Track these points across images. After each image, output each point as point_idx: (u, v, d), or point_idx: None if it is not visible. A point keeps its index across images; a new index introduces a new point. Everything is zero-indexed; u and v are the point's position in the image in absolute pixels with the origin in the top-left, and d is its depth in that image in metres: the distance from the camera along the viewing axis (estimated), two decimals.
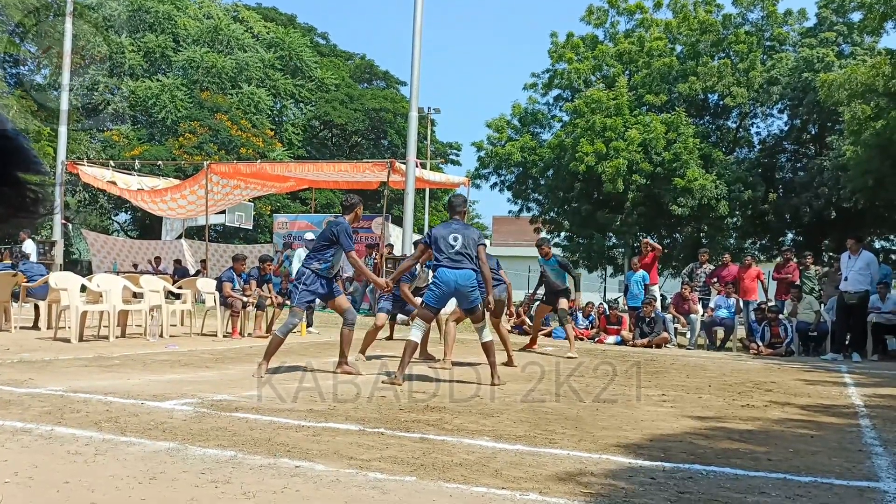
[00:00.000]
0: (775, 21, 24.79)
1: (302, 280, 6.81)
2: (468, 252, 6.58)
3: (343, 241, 6.79)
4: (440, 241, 6.62)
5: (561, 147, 24.21)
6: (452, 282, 6.53)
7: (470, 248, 6.60)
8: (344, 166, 18.93)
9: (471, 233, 6.72)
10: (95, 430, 4.13)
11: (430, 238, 6.77)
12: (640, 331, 12.59)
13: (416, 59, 16.08)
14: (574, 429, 4.75)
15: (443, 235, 6.65)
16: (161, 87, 28.89)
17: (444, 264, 6.56)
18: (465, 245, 6.58)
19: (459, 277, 6.53)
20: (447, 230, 6.71)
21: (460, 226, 6.77)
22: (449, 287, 6.55)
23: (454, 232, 6.66)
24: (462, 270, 6.54)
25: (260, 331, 11.39)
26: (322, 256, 6.84)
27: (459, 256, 6.56)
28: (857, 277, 11.35)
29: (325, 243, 6.89)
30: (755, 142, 26.40)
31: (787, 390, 7.27)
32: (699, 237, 24.00)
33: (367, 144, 37.67)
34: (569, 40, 26.59)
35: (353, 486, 3.23)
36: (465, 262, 6.56)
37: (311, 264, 6.83)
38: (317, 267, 6.81)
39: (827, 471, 3.86)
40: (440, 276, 6.57)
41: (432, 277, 6.78)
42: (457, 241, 6.59)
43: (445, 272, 6.55)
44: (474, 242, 6.65)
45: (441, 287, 6.57)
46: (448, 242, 6.59)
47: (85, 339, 9.34)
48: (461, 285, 6.54)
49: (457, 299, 6.79)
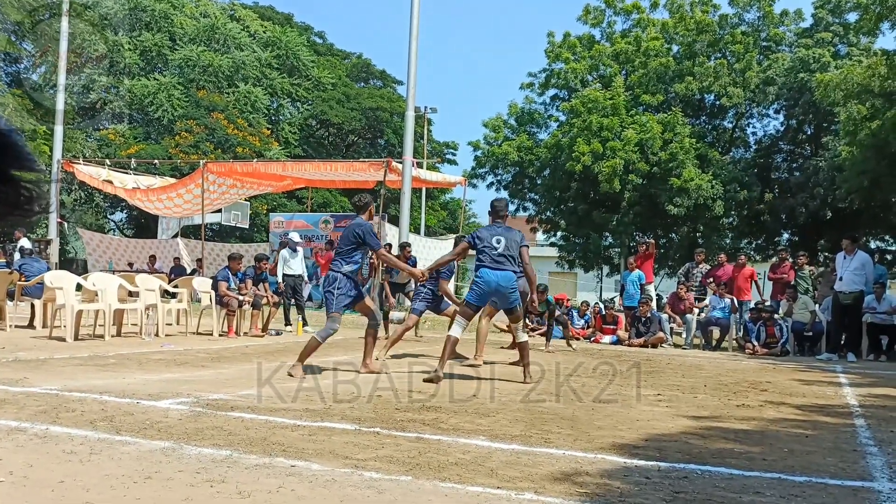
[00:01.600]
0: (772, 21, 24.85)
1: (336, 285, 6.85)
2: (510, 254, 6.77)
3: (370, 240, 6.90)
4: (484, 242, 6.81)
5: (557, 147, 24.23)
6: (494, 282, 6.72)
7: (512, 250, 6.79)
8: (340, 165, 18.91)
9: (514, 235, 6.90)
10: (90, 429, 4.12)
11: (474, 239, 6.94)
12: (636, 330, 12.61)
13: (412, 58, 16.08)
14: (570, 428, 4.75)
15: (486, 237, 6.84)
16: (157, 86, 28.83)
17: (486, 265, 6.75)
18: (507, 247, 6.78)
19: (501, 279, 6.72)
20: (491, 232, 6.90)
21: (503, 229, 6.96)
22: (490, 287, 6.76)
23: (497, 234, 6.85)
24: (503, 272, 6.73)
25: (256, 330, 11.38)
26: (350, 259, 6.93)
27: (502, 258, 6.75)
28: (852, 277, 11.37)
29: (350, 246, 6.93)
30: (751, 142, 26.48)
31: (782, 390, 7.28)
32: (695, 237, 24.05)
33: (364, 144, 37.63)
34: (565, 40, 26.62)
35: (349, 486, 3.23)
36: (507, 264, 6.76)
37: (342, 268, 6.89)
38: (348, 270, 6.90)
39: (822, 470, 3.87)
40: (483, 276, 6.77)
41: (475, 277, 6.95)
42: (500, 243, 6.79)
43: (488, 273, 6.74)
44: (517, 245, 6.83)
45: (482, 287, 6.78)
46: (491, 244, 6.78)
47: (80, 338, 9.32)
48: (502, 286, 6.75)
49: (497, 299, 6.96)
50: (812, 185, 22.44)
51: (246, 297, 11.12)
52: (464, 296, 8.64)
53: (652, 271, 14.37)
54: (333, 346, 9.96)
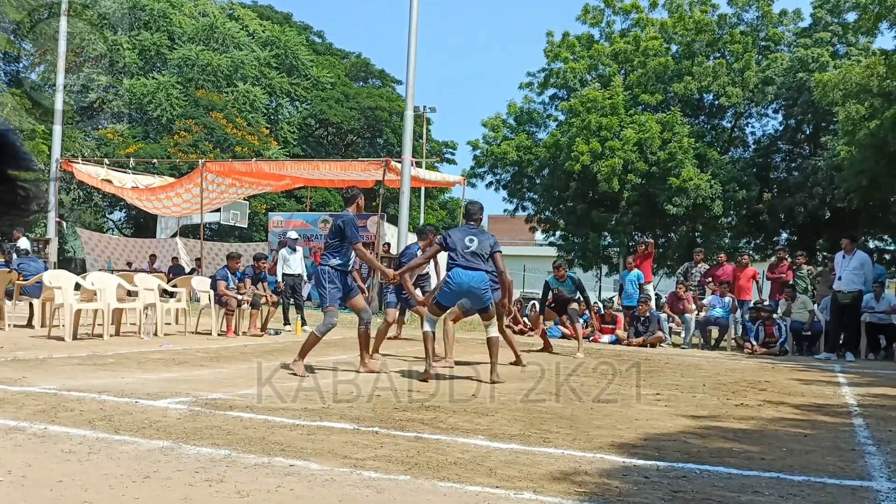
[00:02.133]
0: (770, 21, 24.84)
1: (326, 279, 6.83)
2: (482, 254, 6.73)
3: (349, 232, 6.84)
4: (456, 242, 6.77)
5: (556, 146, 24.22)
6: (465, 283, 6.69)
7: (485, 251, 6.74)
8: (339, 165, 18.91)
9: (486, 238, 6.87)
10: (89, 428, 4.12)
11: (446, 239, 6.91)
12: (635, 330, 12.61)
13: (411, 57, 16.07)
14: (569, 428, 4.75)
15: (459, 237, 6.80)
16: (156, 85, 28.81)
17: (459, 264, 6.71)
18: (480, 247, 6.73)
19: (472, 279, 6.68)
20: (463, 233, 6.87)
21: (477, 231, 6.94)
22: (461, 287, 6.72)
23: (470, 235, 6.82)
24: (475, 272, 6.69)
25: (255, 329, 11.37)
26: (338, 252, 6.90)
27: (474, 258, 6.71)
28: (851, 277, 11.38)
29: (336, 239, 6.92)
30: (750, 141, 26.47)
31: (781, 389, 7.29)
32: (694, 237, 24.04)
33: (363, 143, 37.62)
34: (564, 39, 26.60)
35: (348, 485, 3.23)
36: (479, 264, 6.71)
37: (330, 261, 6.87)
38: (336, 263, 6.86)
39: (820, 470, 3.87)
40: (454, 276, 6.72)
41: (446, 277, 6.91)
42: (472, 242, 6.75)
43: (459, 273, 6.70)
44: (490, 247, 6.79)
45: (453, 287, 6.73)
46: (464, 244, 6.74)
47: (79, 338, 9.31)
48: (473, 287, 6.70)
49: (469, 300, 6.90)
50: (811, 184, 22.44)
51: (245, 297, 11.12)
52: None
53: (651, 271, 14.37)
54: (332, 346, 9.95)
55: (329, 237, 7.08)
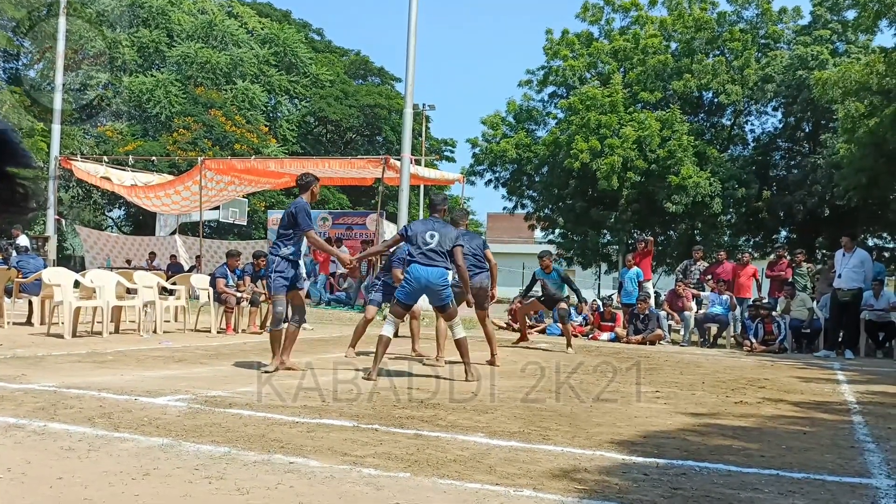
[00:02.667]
0: (770, 19, 24.84)
1: (273, 268, 6.64)
2: (443, 250, 6.57)
3: (301, 220, 6.61)
4: (417, 236, 6.62)
5: (556, 144, 24.22)
6: (424, 279, 6.52)
7: (445, 246, 6.59)
8: (339, 163, 18.90)
9: (448, 231, 6.72)
10: (89, 426, 4.12)
11: (406, 231, 6.80)
12: (634, 327, 12.62)
13: (410, 55, 16.06)
14: (568, 425, 4.76)
15: (420, 231, 6.66)
16: (155, 83, 28.79)
17: (417, 260, 6.55)
18: (440, 243, 6.58)
19: (430, 275, 6.51)
20: (425, 227, 6.72)
21: (439, 224, 6.78)
22: (419, 283, 6.55)
23: (432, 229, 6.66)
24: (433, 268, 6.52)
25: (254, 327, 11.37)
26: (290, 241, 6.70)
27: (433, 253, 6.54)
28: (851, 275, 11.38)
29: (287, 228, 6.69)
30: (749, 139, 26.48)
31: (780, 387, 7.29)
32: (693, 234, 24.06)
33: (362, 141, 37.61)
34: (564, 37, 26.60)
35: (348, 483, 3.23)
36: (438, 260, 6.55)
37: (280, 250, 6.66)
38: (286, 252, 6.66)
39: (819, 467, 3.88)
40: (412, 272, 6.57)
41: (405, 273, 6.76)
42: (433, 238, 6.59)
43: (417, 268, 6.54)
44: (451, 241, 6.64)
45: (412, 283, 6.57)
46: (424, 239, 6.59)
47: (78, 335, 9.31)
48: (432, 283, 6.53)
49: (427, 296, 6.76)
50: (810, 182, 22.45)
51: (244, 294, 11.12)
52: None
53: (650, 269, 14.38)
54: (331, 343, 9.96)
55: (280, 227, 6.81)
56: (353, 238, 18.98)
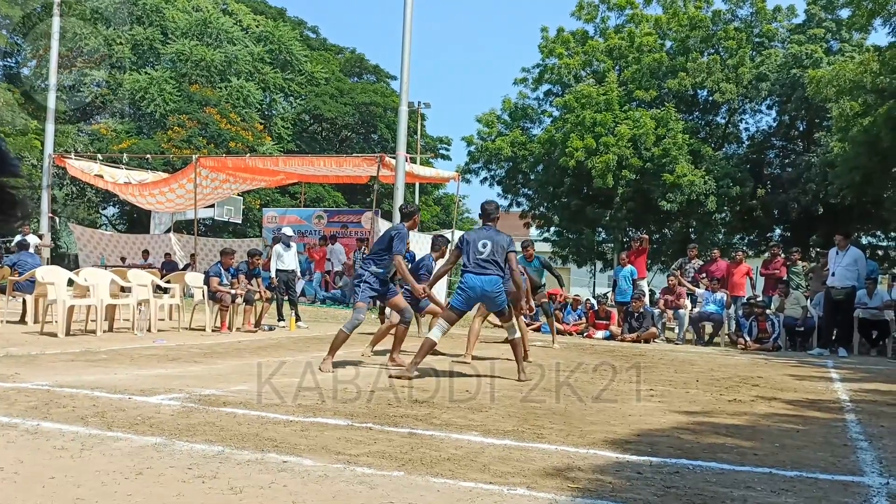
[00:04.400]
0: (764, 17, 24.86)
1: (364, 279, 7.10)
2: (496, 259, 6.77)
3: (395, 244, 7.04)
4: (470, 246, 6.84)
5: (551, 142, 24.21)
6: (479, 287, 6.74)
7: (498, 254, 6.78)
8: (334, 161, 18.88)
9: (501, 239, 6.87)
10: (82, 424, 4.11)
11: (462, 243, 6.99)
12: (629, 325, 12.64)
13: (406, 53, 16.04)
14: (562, 424, 4.76)
15: (472, 241, 6.87)
16: (149, 80, 28.70)
17: (470, 270, 6.78)
18: (493, 252, 6.76)
19: (485, 283, 6.73)
20: (478, 236, 6.91)
21: (492, 232, 6.96)
22: (475, 292, 6.79)
23: (484, 238, 6.85)
24: (487, 276, 6.73)
25: (249, 325, 11.36)
26: (381, 261, 7.12)
27: (486, 263, 6.75)
28: (845, 273, 11.41)
29: (383, 248, 7.13)
30: (744, 138, 26.49)
31: (773, 385, 7.31)
32: (688, 232, 24.08)
33: (357, 139, 37.55)
34: (559, 35, 26.58)
35: (341, 481, 3.23)
36: (491, 269, 6.76)
37: (370, 268, 7.11)
38: (375, 270, 7.10)
39: (812, 465, 3.89)
40: (467, 281, 6.79)
41: (460, 281, 6.98)
42: (486, 247, 6.79)
43: (472, 278, 6.77)
44: (503, 249, 6.81)
45: (467, 291, 6.81)
46: (477, 248, 6.80)
47: (72, 334, 9.29)
48: (487, 291, 6.76)
49: (484, 304, 7.02)
50: (804, 180, 22.48)
51: (238, 291, 11.10)
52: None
53: (645, 267, 14.40)
54: (326, 342, 9.96)
55: (376, 244, 7.33)
56: (349, 236, 18.95)
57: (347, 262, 17.65)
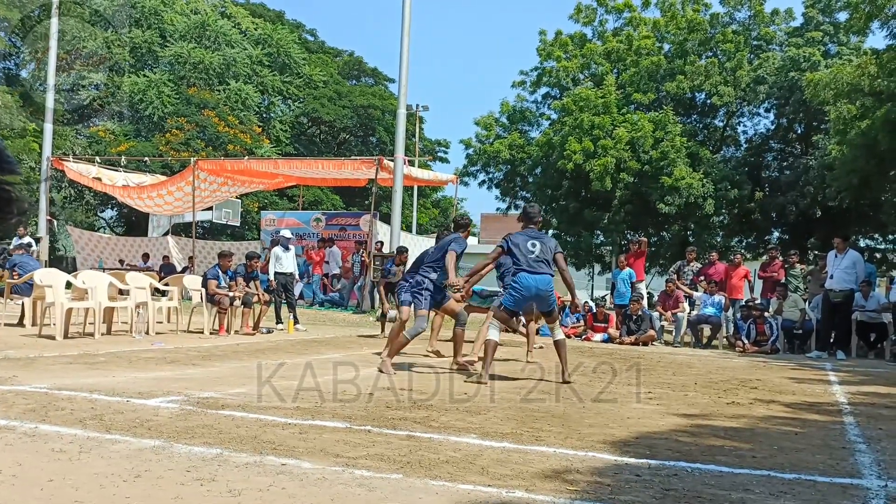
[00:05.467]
0: (762, 20, 24.92)
1: (424, 286, 7.37)
2: (545, 258, 6.90)
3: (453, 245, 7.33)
4: (519, 247, 6.93)
5: (549, 145, 24.24)
6: (534, 287, 6.84)
7: (547, 254, 6.92)
8: (332, 163, 18.90)
9: (548, 241, 7.10)
10: (80, 427, 4.10)
11: (508, 244, 7.07)
12: (627, 328, 12.64)
13: (404, 56, 16.06)
14: (561, 426, 4.76)
15: (521, 242, 6.97)
16: (148, 83, 28.71)
17: (524, 269, 6.88)
18: (542, 252, 6.91)
19: (539, 283, 6.84)
20: (526, 237, 7.03)
21: (538, 234, 7.14)
22: (529, 292, 6.86)
23: (533, 239, 6.98)
24: (541, 276, 6.86)
25: (247, 328, 11.35)
26: (438, 269, 7.43)
27: (537, 263, 6.87)
28: (843, 276, 11.42)
29: (441, 257, 7.40)
30: (742, 140, 26.55)
31: (772, 388, 7.32)
32: (686, 235, 24.09)
33: (356, 141, 37.58)
34: (557, 38, 26.62)
35: (340, 484, 3.23)
36: (544, 268, 6.88)
37: (430, 274, 7.41)
38: (434, 277, 7.42)
39: (810, 468, 3.89)
40: (520, 280, 6.87)
41: (511, 282, 7.07)
42: (535, 247, 6.93)
43: (526, 277, 6.85)
44: (551, 250, 6.98)
45: (521, 291, 6.87)
46: (527, 248, 6.91)
47: (70, 337, 9.28)
48: (541, 290, 6.86)
49: (535, 303, 7.08)
50: (802, 183, 22.53)
51: (236, 294, 11.09)
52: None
53: (643, 269, 14.40)
54: (324, 345, 9.96)
55: (435, 252, 7.59)
56: (347, 239, 18.95)
57: (346, 266, 17.64)
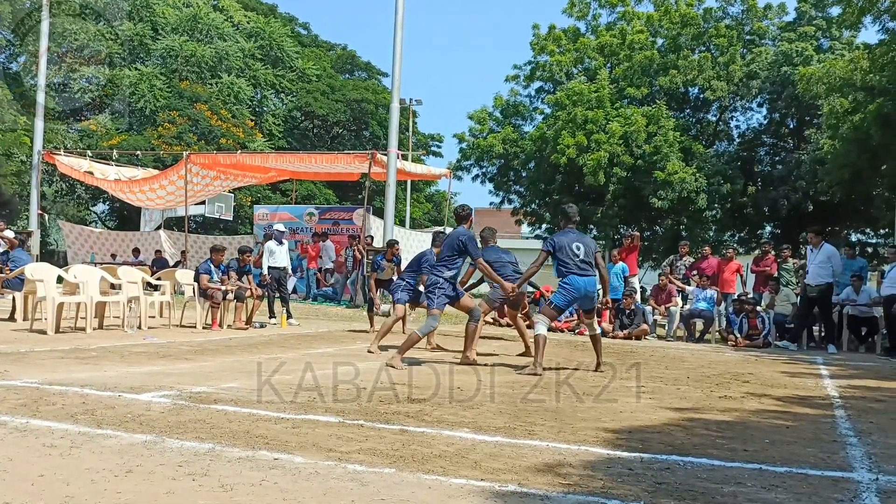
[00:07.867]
0: (755, 15, 24.94)
1: (438, 285, 7.41)
2: (589, 259, 7.24)
3: (472, 249, 7.43)
4: (565, 249, 7.20)
5: (542, 139, 24.23)
6: (583, 288, 7.19)
7: (590, 256, 7.26)
8: (325, 158, 18.84)
9: (589, 241, 7.40)
10: (71, 422, 4.09)
11: (553, 246, 7.27)
12: (620, 323, 12.67)
13: (397, 50, 16.02)
14: (554, 420, 4.77)
15: (566, 244, 7.22)
16: (139, 76, 28.55)
17: (573, 271, 7.17)
18: (587, 253, 7.23)
19: (588, 284, 7.22)
20: (569, 238, 7.29)
21: (578, 234, 7.41)
22: (579, 293, 7.21)
23: (576, 241, 7.27)
24: (589, 277, 7.23)
25: (240, 322, 11.33)
26: (453, 266, 7.47)
27: (584, 264, 7.20)
28: (818, 270, 11.52)
29: (454, 253, 7.44)
30: (734, 135, 26.59)
31: (764, 382, 7.35)
32: (679, 230, 24.14)
33: (349, 136, 37.48)
34: (551, 32, 26.60)
35: (332, 479, 3.23)
36: (590, 270, 7.23)
37: (444, 273, 7.44)
38: (448, 275, 7.46)
39: (802, 461, 3.91)
40: (571, 282, 7.17)
41: (562, 283, 7.29)
42: (580, 249, 7.21)
43: (576, 279, 7.17)
44: (592, 251, 7.30)
45: (571, 292, 7.20)
46: (573, 250, 7.19)
47: (62, 331, 9.25)
48: (589, 291, 7.23)
49: (580, 303, 7.42)
50: (794, 178, 22.58)
51: (228, 288, 11.06)
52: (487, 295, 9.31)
53: (636, 264, 14.42)
54: (317, 339, 9.95)
55: (445, 251, 7.52)
56: (340, 233, 18.91)
57: (339, 260, 17.61)
